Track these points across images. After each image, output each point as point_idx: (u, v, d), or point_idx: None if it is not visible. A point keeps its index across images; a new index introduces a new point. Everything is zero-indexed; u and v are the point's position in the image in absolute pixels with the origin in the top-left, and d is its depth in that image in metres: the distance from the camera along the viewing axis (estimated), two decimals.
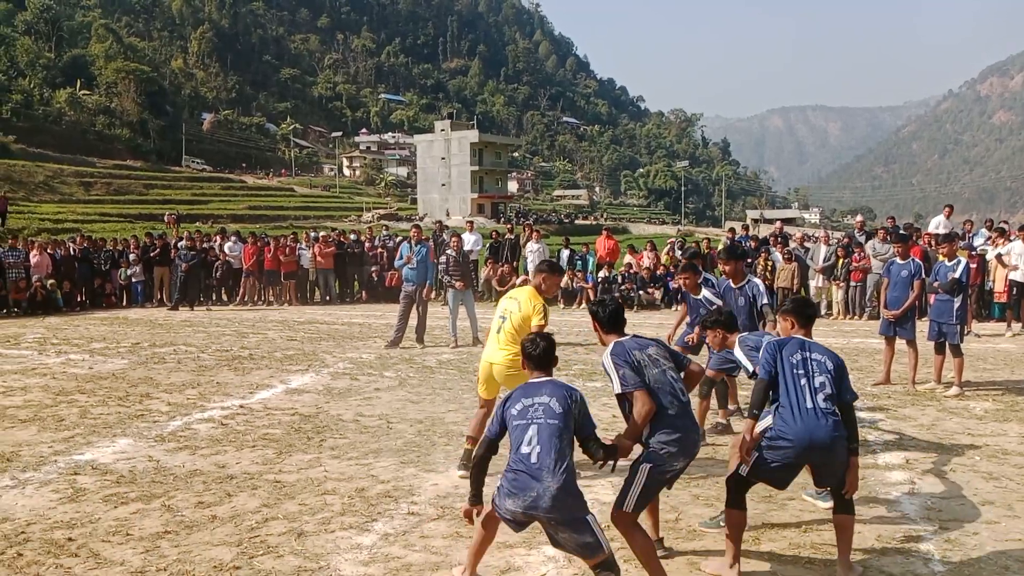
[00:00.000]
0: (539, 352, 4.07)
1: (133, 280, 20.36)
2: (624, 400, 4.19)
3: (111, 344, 13.22)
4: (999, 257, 14.68)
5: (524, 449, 3.71)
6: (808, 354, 4.38)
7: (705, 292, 7.47)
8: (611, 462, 3.99)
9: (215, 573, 4.39)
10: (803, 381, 4.28)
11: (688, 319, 7.88)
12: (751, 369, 5.13)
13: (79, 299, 19.72)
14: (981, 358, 11.21)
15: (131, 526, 5.08)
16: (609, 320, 4.47)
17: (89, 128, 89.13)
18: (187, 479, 6.03)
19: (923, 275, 9.29)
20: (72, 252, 19.92)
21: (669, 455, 4.11)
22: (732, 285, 6.91)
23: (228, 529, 5.03)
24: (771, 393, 4.40)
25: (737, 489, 4.37)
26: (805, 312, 4.73)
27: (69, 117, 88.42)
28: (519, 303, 6.07)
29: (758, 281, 6.83)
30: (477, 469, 4.02)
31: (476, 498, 4.02)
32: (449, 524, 5.12)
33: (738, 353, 5.29)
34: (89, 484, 5.91)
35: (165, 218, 42.93)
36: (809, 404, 4.22)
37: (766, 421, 4.59)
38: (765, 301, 6.59)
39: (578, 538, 3.70)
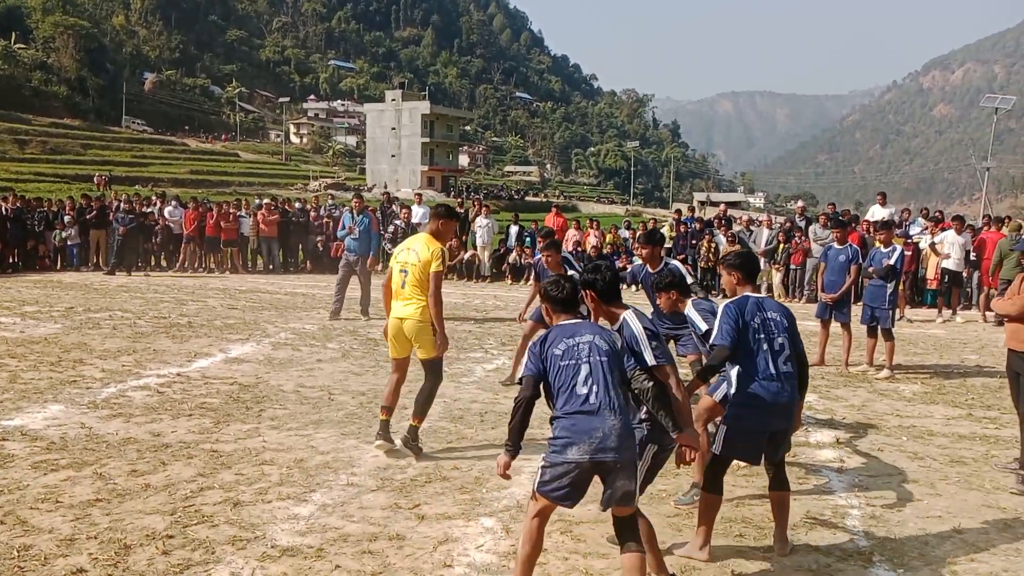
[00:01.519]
0: (565, 294, 3.83)
1: (68, 243, 19.70)
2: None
3: (44, 308, 12.82)
4: (932, 246, 15.14)
5: (581, 390, 3.53)
6: (766, 314, 4.38)
7: (570, 272, 7.75)
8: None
9: (147, 542, 4.32)
10: (764, 345, 4.30)
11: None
12: (704, 328, 5.18)
13: (11, 261, 19.02)
14: (912, 342, 11.59)
15: (61, 493, 4.96)
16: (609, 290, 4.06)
17: (24, 83, 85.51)
18: (120, 447, 5.91)
19: (860, 260, 9.55)
20: (4, 212, 19.14)
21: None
22: (650, 270, 6.93)
23: (162, 498, 4.95)
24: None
25: (714, 471, 4.37)
26: (750, 267, 4.67)
27: (3, 71, 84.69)
28: (416, 252, 5.88)
29: (677, 263, 6.88)
30: (522, 413, 3.60)
31: (516, 448, 3.64)
32: (388, 495, 5.12)
33: (691, 313, 5.37)
34: (17, 450, 5.75)
35: (95, 179, 41.63)
36: (772, 370, 4.27)
37: (721, 389, 4.66)
38: (689, 281, 6.68)
39: (628, 484, 3.56)
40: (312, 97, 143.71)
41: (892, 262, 9.22)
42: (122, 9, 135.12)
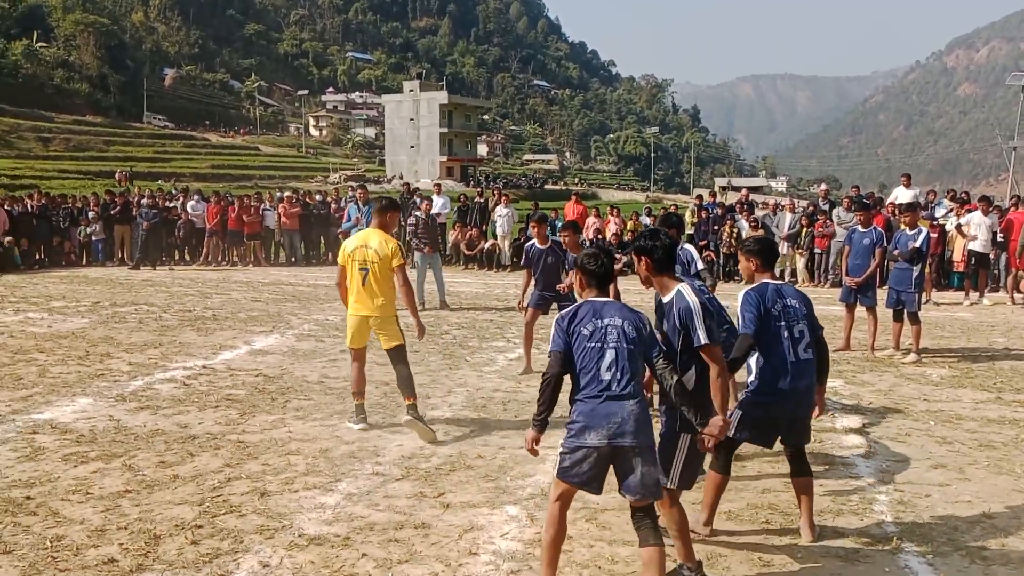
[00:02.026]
0: (603, 270, 3.70)
1: (93, 238, 19.95)
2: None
3: (71, 303, 12.99)
4: (959, 227, 14.93)
5: (604, 375, 3.50)
6: (786, 301, 4.34)
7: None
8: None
9: (177, 532, 4.37)
10: (784, 333, 4.26)
11: (536, 280, 8.44)
12: None
13: (37, 257, 19.30)
14: (939, 326, 11.45)
15: (91, 485, 5.04)
16: (666, 258, 3.92)
17: (47, 82, 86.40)
18: (148, 439, 5.98)
19: (884, 243, 9.43)
20: (30, 209, 19.41)
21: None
22: None
23: (190, 488, 5.01)
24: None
25: (724, 451, 4.34)
26: (769, 252, 4.56)
27: (26, 70, 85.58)
28: (375, 250, 6.14)
29: (690, 247, 6.76)
30: (551, 390, 3.58)
31: (543, 424, 3.62)
32: (413, 484, 5.14)
33: None
34: (48, 443, 5.84)
35: (116, 175, 42.17)
36: (792, 357, 4.25)
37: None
38: (700, 266, 6.54)
39: (652, 472, 3.54)
40: (330, 89, 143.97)
41: (918, 245, 9.09)
42: (141, 5, 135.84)
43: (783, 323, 4.28)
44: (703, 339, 3.72)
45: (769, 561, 4.15)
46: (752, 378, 4.40)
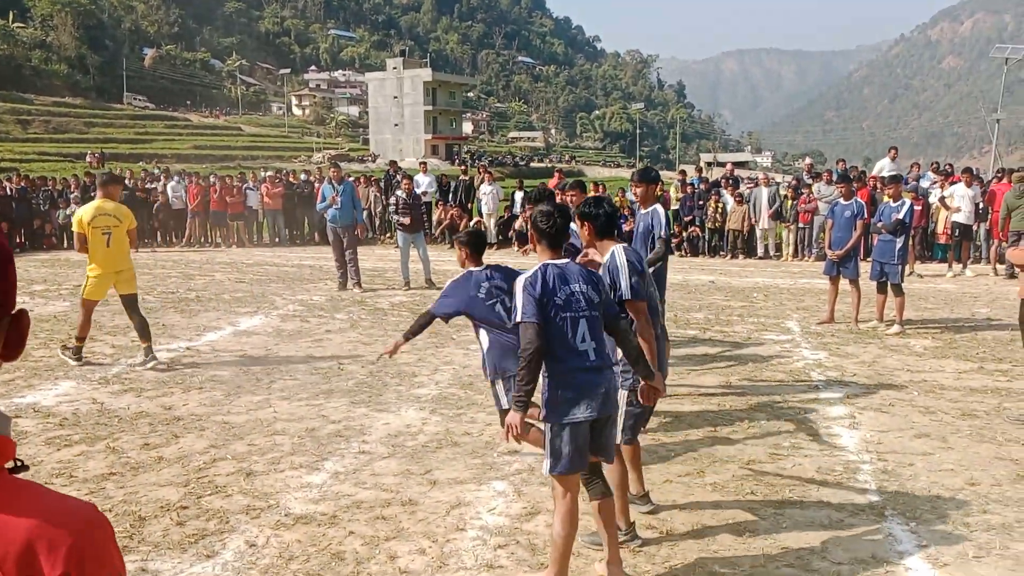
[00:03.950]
0: (555, 229, 3.58)
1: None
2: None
3: (52, 286, 12.87)
4: (942, 200, 14.99)
5: (582, 346, 3.43)
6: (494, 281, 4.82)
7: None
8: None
9: (162, 513, 4.35)
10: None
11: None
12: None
13: (18, 240, 19.07)
14: (922, 297, 11.53)
15: (75, 468, 5.01)
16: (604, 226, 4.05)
17: (24, 63, 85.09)
18: (132, 421, 5.94)
19: (865, 215, 9.47)
20: (9, 192, 19.16)
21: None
22: (642, 210, 6.50)
23: (175, 470, 4.99)
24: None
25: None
26: (476, 243, 4.75)
27: (2, 51, 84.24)
28: (114, 216, 7.38)
29: (663, 211, 6.56)
30: (536, 364, 3.38)
31: (527, 403, 3.46)
32: (400, 462, 5.14)
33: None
34: (31, 427, 5.79)
35: (87, 158, 41.77)
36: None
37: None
38: (661, 234, 6.34)
39: (614, 436, 3.67)
40: (313, 68, 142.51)
41: (901, 216, 9.14)
42: None
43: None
44: (626, 293, 3.88)
45: (754, 530, 4.18)
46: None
